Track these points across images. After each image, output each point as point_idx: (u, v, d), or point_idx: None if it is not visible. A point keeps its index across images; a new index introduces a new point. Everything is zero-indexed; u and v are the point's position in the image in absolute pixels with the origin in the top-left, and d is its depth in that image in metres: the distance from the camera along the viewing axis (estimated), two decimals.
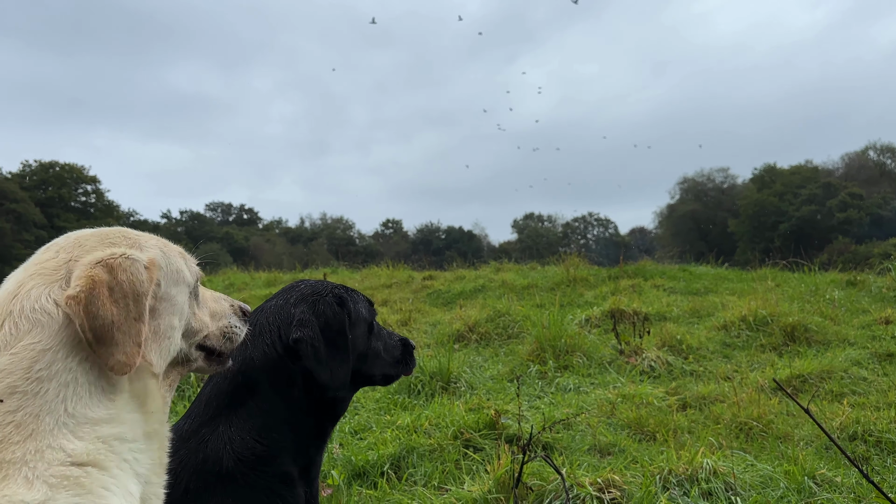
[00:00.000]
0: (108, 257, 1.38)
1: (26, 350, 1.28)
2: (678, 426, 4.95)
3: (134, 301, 1.36)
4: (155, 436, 1.45)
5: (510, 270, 14.25)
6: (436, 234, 77.53)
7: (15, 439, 1.19)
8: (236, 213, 79.66)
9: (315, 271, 16.75)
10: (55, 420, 1.24)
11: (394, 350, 2.51)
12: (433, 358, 6.36)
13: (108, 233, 1.52)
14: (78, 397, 1.28)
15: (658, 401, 5.54)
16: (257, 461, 2.01)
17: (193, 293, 1.64)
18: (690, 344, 7.28)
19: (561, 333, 7.16)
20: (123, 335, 1.31)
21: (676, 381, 6.21)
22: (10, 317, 1.32)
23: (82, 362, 1.31)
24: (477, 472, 4.03)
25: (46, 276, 1.39)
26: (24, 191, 51.62)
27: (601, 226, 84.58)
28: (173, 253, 1.61)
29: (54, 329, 1.31)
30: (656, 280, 12.06)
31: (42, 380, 1.26)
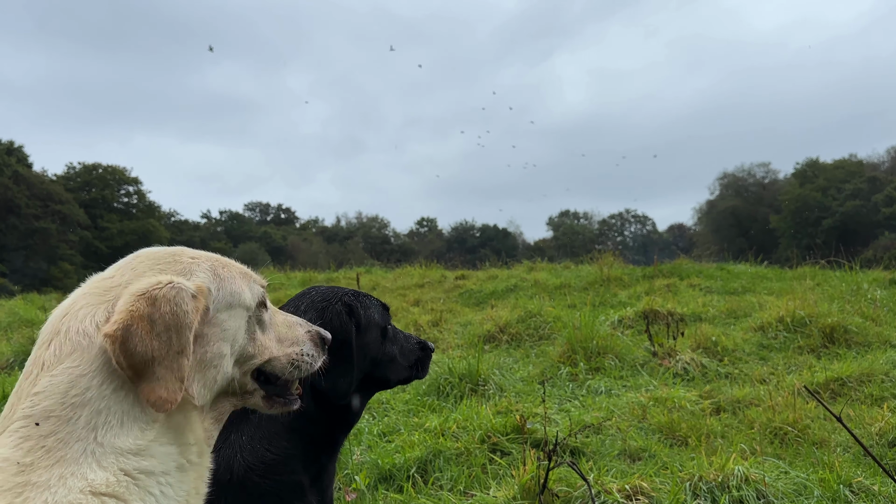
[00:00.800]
0: (151, 287, 1.34)
1: (64, 374, 1.28)
2: (711, 431, 4.86)
3: (177, 333, 1.32)
4: (190, 468, 1.39)
5: (543, 270, 14.17)
6: (470, 232, 77.48)
7: (43, 464, 1.21)
8: (274, 212, 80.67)
9: (349, 270, 16.89)
10: (83, 448, 1.24)
11: (410, 354, 2.49)
12: (463, 359, 6.35)
13: (161, 256, 1.49)
14: (108, 426, 1.27)
15: (691, 404, 5.44)
16: (267, 469, 2.01)
17: (255, 317, 1.57)
18: (726, 346, 7.14)
19: (593, 335, 7.08)
20: (165, 370, 1.29)
21: (710, 385, 6.09)
22: (57, 336, 1.34)
23: (117, 390, 1.29)
24: (503, 478, 4.01)
25: (97, 296, 1.39)
26: (69, 192, 52.98)
27: (639, 223, 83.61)
28: (232, 274, 1.54)
29: (92, 354, 1.30)
30: (692, 279, 11.87)
31: (76, 406, 1.26)
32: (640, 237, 79.96)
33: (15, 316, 11.90)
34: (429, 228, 79.40)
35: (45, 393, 1.27)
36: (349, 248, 60.00)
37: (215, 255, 1.59)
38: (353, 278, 13.84)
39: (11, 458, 1.21)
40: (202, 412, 1.45)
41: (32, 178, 50.19)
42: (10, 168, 48.43)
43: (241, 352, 1.52)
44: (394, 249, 62.76)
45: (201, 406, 1.44)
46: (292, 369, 1.64)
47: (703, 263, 14.26)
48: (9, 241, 46.14)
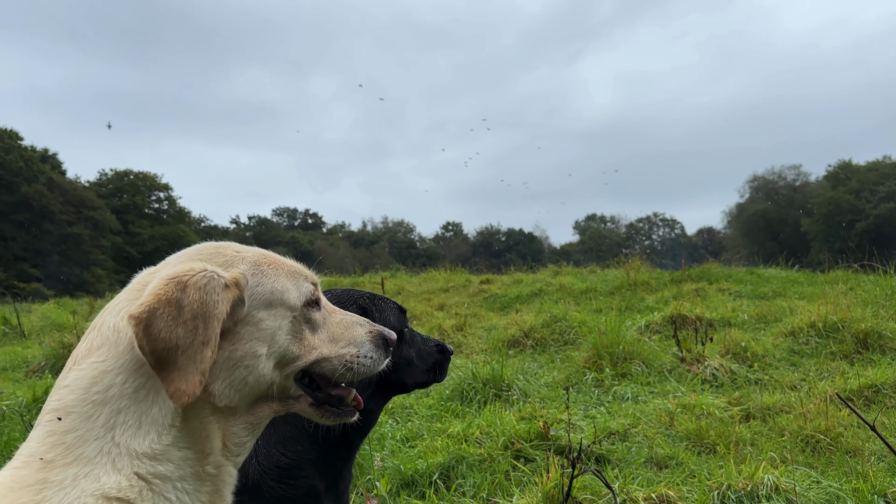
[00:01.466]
0: (183, 273, 1.30)
1: (90, 368, 1.27)
2: (740, 438, 4.75)
3: (204, 323, 1.26)
4: (209, 478, 1.33)
5: (569, 274, 14.06)
6: (496, 236, 77.36)
7: (61, 461, 1.20)
8: (301, 217, 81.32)
9: (375, 275, 16.92)
10: (100, 448, 1.22)
11: (428, 357, 2.45)
12: (486, 364, 6.31)
13: (206, 248, 1.45)
14: (126, 426, 1.24)
15: (720, 411, 5.34)
16: (282, 473, 2.00)
17: (302, 318, 1.47)
18: (756, 351, 7.00)
19: (619, 340, 7.00)
20: (187, 360, 1.23)
21: (740, 391, 5.97)
22: (94, 330, 1.33)
23: (138, 390, 1.26)
24: (527, 485, 3.96)
25: (135, 291, 1.36)
26: (101, 199, 53.94)
27: (667, 226, 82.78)
28: (277, 272, 1.46)
29: (119, 350, 1.28)
30: (722, 283, 11.69)
31: (97, 403, 1.24)
32: (669, 241, 79.17)
33: (47, 320, 12.12)
34: (454, 233, 79.44)
35: (71, 387, 1.26)
36: (375, 252, 60.27)
37: (265, 252, 1.52)
38: (378, 283, 13.85)
39: (37, 452, 1.21)
40: (228, 418, 1.38)
41: (66, 185, 51.19)
42: (44, 175, 49.45)
43: (283, 354, 1.43)
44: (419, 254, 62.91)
45: (227, 409, 1.37)
46: (344, 371, 1.53)
47: (733, 267, 14.05)
48: (43, 247, 47.07)
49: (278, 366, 1.43)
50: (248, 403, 1.42)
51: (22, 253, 46.67)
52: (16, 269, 43.16)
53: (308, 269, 1.59)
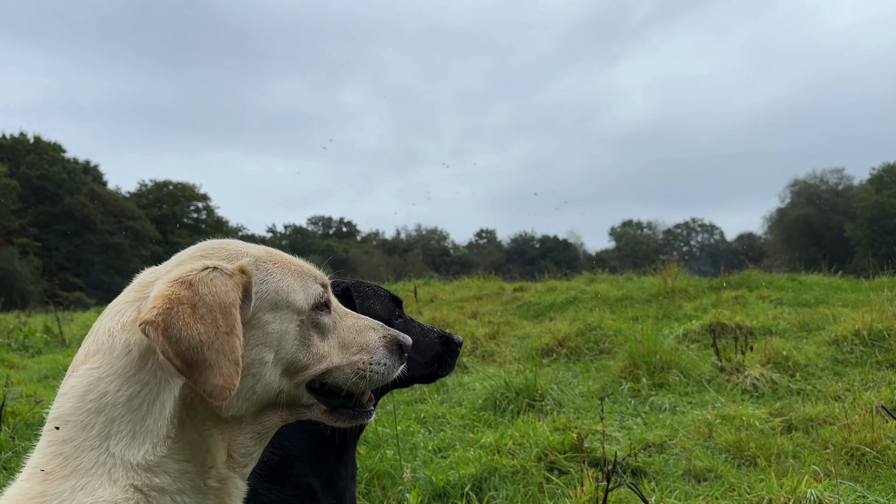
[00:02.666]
0: (187, 272, 1.26)
1: (85, 375, 1.24)
2: (782, 450, 4.61)
3: (223, 314, 1.21)
4: (211, 492, 1.29)
5: (604, 281, 13.90)
6: (530, 243, 76.99)
7: (60, 473, 1.18)
8: (336, 225, 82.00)
9: (408, 282, 16.94)
10: (96, 458, 1.19)
11: (427, 349, 2.34)
12: (520, 373, 6.24)
13: (208, 245, 1.41)
14: (121, 436, 1.20)
15: (760, 422, 5.19)
16: (274, 474, 1.94)
17: (310, 321, 1.40)
18: (798, 360, 6.80)
19: (656, 349, 6.87)
20: (217, 353, 1.18)
21: (781, 402, 5.81)
22: (91, 334, 1.29)
23: (132, 398, 1.22)
24: (560, 497, 3.88)
25: (135, 293, 1.32)
26: (141, 209, 55.11)
27: (706, 232, 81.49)
28: (282, 270, 1.40)
29: (113, 356, 1.24)
30: (762, 291, 11.44)
31: (91, 412, 1.21)
32: (708, 247, 77.92)
33: (88, 329, 12.35)
34: (488, 240, 79.28)
35: (68, 395, 1.23)
36: (409, 260, 60.44)
37: (270, 249, 1.46)
38: (411, 290, 13.86)
39: (38, 463, 1.20)
40: (233, 428, 1.34)
41: (107, 196, 52.42)
42: (86, 186, 50.73)
43: (291, 360, 1.36)
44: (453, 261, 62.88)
45: (232, 418, 1.32)
46: (357, 380, 1.45)
47: (774, 274, 13.74)
48: (85, 256, 48.24)
49: (286, 374, 1.38)
50: (255, 412, 1.36)
51: (65, 262, 47.88)
52: (59, 279, 44.26)
53: (318, 268, 1.52)
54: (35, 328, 12.64)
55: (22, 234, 46.57)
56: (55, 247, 48.28)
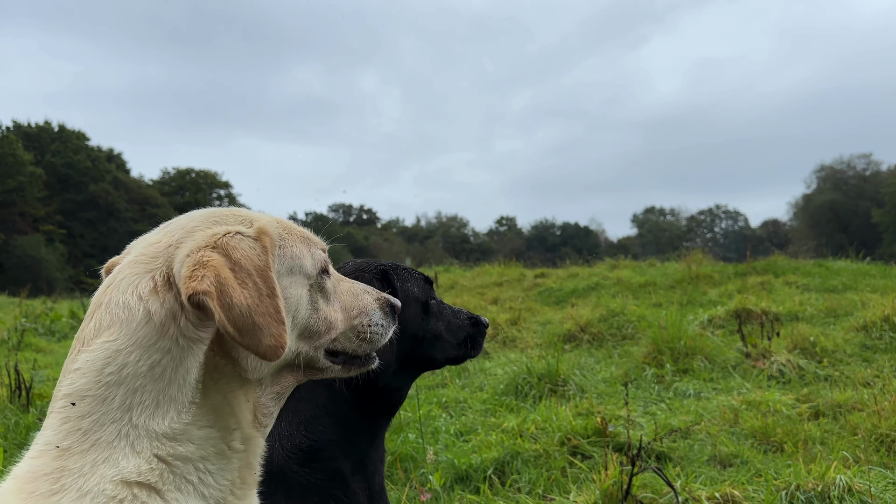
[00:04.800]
0: (212, 238, 1.24)
1: (101, 349, 1.21)
2: (809, 437, 4.54)
3: (261, 277, 1.23)
4: (234, 455, 1.29)
5: (626, 267, 13.79)
6: (550, 230, 76.66)
7: (79, 448, 1.15)
8: (356, 213, 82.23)
9: (428, 269, 16.92)
10: (118, 430, 1.17)
11: (459, 331, 2.31)
12: (542, 359, 6.20)
13: (216, 212, 1.39)
14: (144, 406, 1.18)
15: (787, 408, 5.11)
16: (305, 457, 1.92)
17: (316, 285, 1.43)
18: (825, 346, 6.69)
19: (680, 334, 6.79)
20: (263, 317, 1.19)
21: (808, 388, 5.72)
22: (99, 309, 1.26)
23: (153, 367, 1.20)
24: (584, 482, 3.85)
25: (143, 264, 1.29)
26: (164, 196, 55.66)
27: (730, 218, 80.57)
28: (292, 236, 1.42)
29: (132, 327, 1.21)
30: (788, 276, 11.28)
31: (111, 384, 1.18)
32: (732, 233, 77.07)
33: None
34: (508, 227, 79.07)
35: (83, 370, 1.20)
36: (429, 247, 60.47)
37: (276, 217, 1.46)
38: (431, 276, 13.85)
39: (52, 440, 1.17)
40: (256, 389, 1.36)
41: (130, 184, 53.00)
42: (110, 174, 51.30)
43: (305, 325, 1.39)
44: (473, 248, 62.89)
45: (257, 381, 1.34)
46: (359, 342, 1.51)
47: (800, 260, 13.53)
48: (110, 244, 48.79)
49: (301, 337, 1.40)
50: (275, 373, 1.39)
51: (90, 249, 48.55)
52: (84, 265, 44.88)
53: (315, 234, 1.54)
54: (61, 313, 12.83)
55: (48, 221, 47.27)
56: (80, 234, 48.96)
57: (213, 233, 1.27)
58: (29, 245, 41.96)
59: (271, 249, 1.30)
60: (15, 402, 5.51)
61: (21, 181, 44.92)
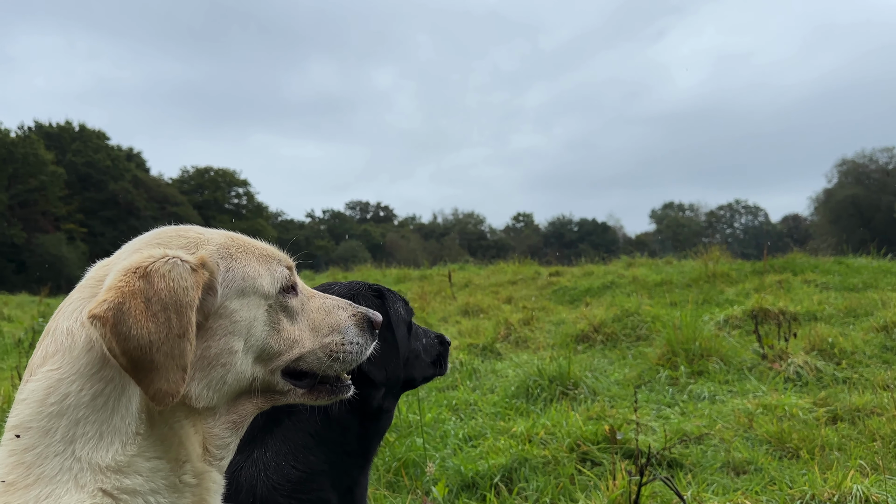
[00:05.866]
0: (143, 261, 1.18)
1: (45, 378, 1.17)
2: (826, 442, 4.42)
3: (176, 313, 1.15)
4: (186, 489, 1.22)
5: (642, 266, 13.64)
6: (568, 226, 76.31)
7: (23, 483, 1.11)
8: (373, 210, 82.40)
9: (443, 267, 16.88)
10: (60, 464, 1.12)
11: (431, 349, 2.32)
12: (553, 360, 6.12)
13: (164, 232, 1.34)
14: (87, 438, 1.14)
15: (804, 412, 5.00)
16: (293, 488, 1.86)
17: (278, 306, 1.36)
18: (844, 348, 6.55)
19: (695, 335, 6.68)
20: (165, 357, 1.12)
21: (826, 391, 5.59)
22: (47, 336, 1.23)
23: (96, 397, 1.15)
24: (592, 490, 3.78)
25: (89, 288, 1.25)
26: (184, 195, 56.11)
27: (749, 214, 79.72)
28: (247, 255, 1.35)
29: (74, 355, 1.17)
30: (807, 274, 11.09)
31: (53, 415, 1.14)
32: (752, 229, 76.27)
33: None
34: (525, 223, 78.82)
35: (28, 401, 1.16)
36: (445, 244, 60.45)
37: (231, 234, 1.40)
38: (445, 275, 13.81)
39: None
40: (207, 419, 1.28)
41: (150, 182, 53.45)
42: (129, 173, 51.79)
43: (262, 347, 1.32)
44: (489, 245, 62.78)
45: (205, 409, 1.27)
46: (330, 362, 1.42)
47: (820, 257, 13.32)
48: None
49: (258, 361, 1.32)
50: (229, 402, 1.31)
51: (110, 248, 48.65)
52: None
53: (281, 250, 1.47)
54: None
55: (69, 220, 47.84)
56: (101, 232, 49.47)
57: (148, 255, 1.20)
58: (50, 243, 42.48)
59: (205, 283, 1.23)
60: None
61: (43, 180, 45.49)
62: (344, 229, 70.43)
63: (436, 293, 12.71)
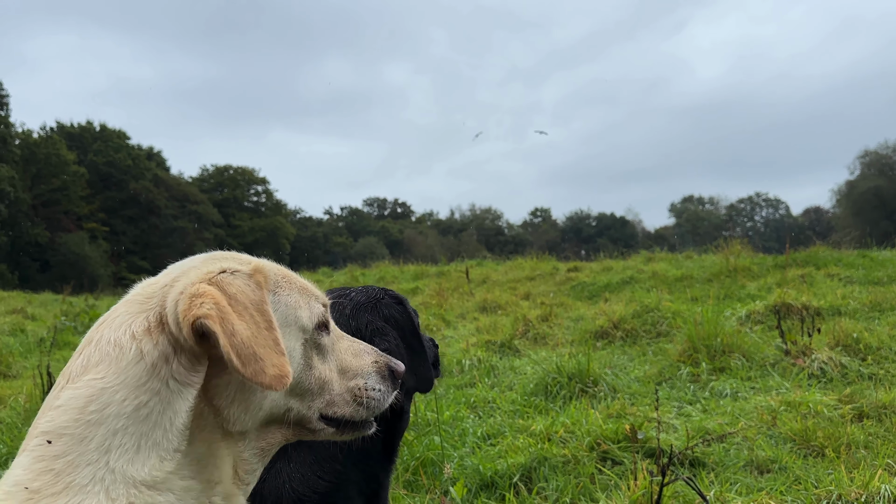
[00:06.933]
0: (207, 275, 1.23)
1: (86, 387, 1.15)
2: (852, 440, 4.34)
3: (257, 311, 1.20)
4: None
5: (662, 260, 13.51)
6: (586, 221, 75.92)
7: (49, 491, 1.09)
8: (391, 206, 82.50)
9: (460, 263, 16.84)
10: (93, 474, 1.10)
11: (430, 352, 2.29)
12: (572, 357, 6.07)
13: (214, 255, 1.38)
14: (123, 450, 1.12)
15: (829, 409, 4.91)
16: (320, 499, 1.84)
17: (312, 341, 1.38)
18: (869, 343, 6.43)
19: (717, 331, 6.59)
20: (263, 347, 1.16)
21: (852, 387, 5.48)
22: (89, 345, 1.23)
23: (139, 409, 1.14)
24: (613, 490, 3.73)
25: (137, 304, 1.26)
26: (204, 193, 56.53)
27: (770, 207, 78.87)
28: (290, 285, 1.37)
29: (121, 366, 1.17)
30: (830, 268, 10.92)
31: (91, 423, 1.13)
32: (773, 222, 75.45)
33: None
34: (543, 219, 78.54)
35: (64, 407, 1.15)
36: (463, 240, 60.41)
37: (275, 264, 1.44)
38: (462, 271, 13.76)
39: (21, 481, 1.11)
40: (238, 443, 1.29)
41: (170, 181, 53.92)
42: (150, 172, 52.28)
43: (296, 381, 1.33)
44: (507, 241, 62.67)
45: (238, 434, 1.27)
46: (356, 406, 1.43)
47: (843, 250, 13.11)
48: (151, 240, 49.81)
49: (291, 394, 1.34)
50: (259, 428, 1.32)
51: (132, 246, 49.60)
52: (126, 262, 45.86)
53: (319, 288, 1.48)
54: (100, 311, 13.06)
55: (91, 219, 48.41)
56: (122, 231, 50.03)
57: (209, 270, 1.25)
58: (73, 243, 43.02)
59: (266, 287, 1.27)
60: None
61: (65, 180, 46.08)
62: (362, 226, 70.61)
63: (453, 289, 12.67)
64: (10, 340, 9.90)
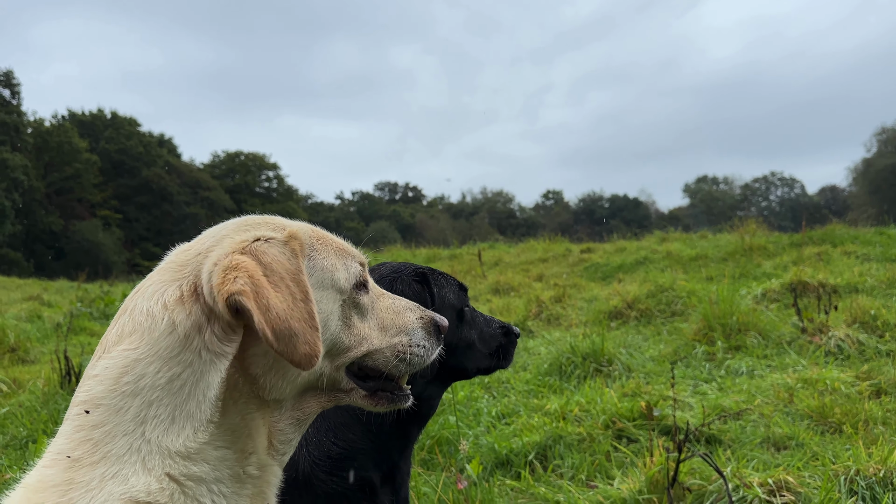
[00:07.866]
0: (241, 244, 1.21)
1: (121, 356, 1.16)
2: (870, 417, 4.30)
3: (294, 281, 1.18)
4: (250, 480, 1.22)
5: (676, 240, 13.43)
6: (598, 202, 75.49)
7: (89, 459, 1.10)
8: (402, 191, 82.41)
9: (472, 246, 16.82)
10: (129, 444, 1.11)
11: (491, 340, 2.22)
12: (587, 337, 6.05)
13: (247, 220, 1.36)
14: (159, 420, 1.13)
15: (846, 387, 4.87)
16: (334, 465, 1.85)
17: (351, 302, 1.36)
18: (887, 320, 6.36)
19: (732, 310, 6.55)
20: (298, 322, 1.14)
21: (869, 364, 5.43)
22: (124, 314, 1.23)
23: (173, 380, 1.15)
24: (629, 467, 3.72)
25: (171, 272, 1.25)
26: (215, 179, 56.69)
27: (786, 186, 78.00)
28: (326, 248, 1.35)
29: (154, 337, 1.16)
30: (847, 246, 10.82)
31: (126, 394, 1.13)
32: (788, 201, 74.68)
33: None
34: (555, 201, 78.21)
35: (100, 377, 1.16)
36: (475, 223, 60.27)
37: (311, 226, 1.41)
38: (475, 254, 13.74)
39: (64, 449, 1.13)
40: (273, 412, 1.28)
41: (182, 168, 54.11)
42: (162, 159, 52.44)
43: (333, 342, 1.32)
44: (519, 223, 62.49)
45: (273, 402, 1.27)
46: (397, 363, 1.41)
47: (859, 228, 12.97)
48: (163, 227, 50.07)
49: (328, 356, 1.31)
50: (296, 396, 1.31)
51: (145, 233, 49.91)
52: (139, 249, 46.19)
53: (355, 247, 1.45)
54: (115, 297, 13.16)
55: (104, 206, 48.71)
56: (135, 218, 50.32)
57: (242, 239, 1.23)
58: (87, 230, 43.33)
59: (301, 254, 1.25)
60: (66, 387, 5.64)
61: (77, 168, 46.32)
62: (373, 211, 70.63)
63: (466, 272, 12.66)
64: (28, 326, 10.01)
